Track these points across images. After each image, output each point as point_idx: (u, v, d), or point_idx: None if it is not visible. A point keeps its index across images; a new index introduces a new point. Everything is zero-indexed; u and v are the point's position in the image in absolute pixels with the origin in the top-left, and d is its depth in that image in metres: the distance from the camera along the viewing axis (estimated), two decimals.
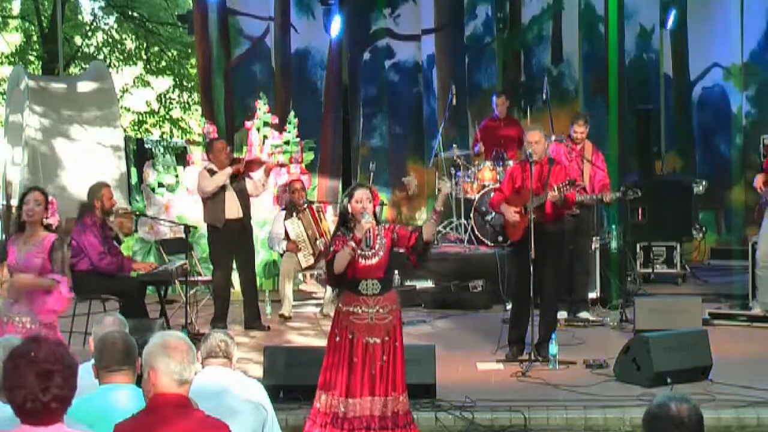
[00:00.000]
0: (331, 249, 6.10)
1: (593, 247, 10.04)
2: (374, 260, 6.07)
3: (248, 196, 9.50)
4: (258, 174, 9.70)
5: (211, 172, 9.33)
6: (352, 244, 5.98)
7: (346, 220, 6.12)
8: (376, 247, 6.09)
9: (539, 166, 8.09)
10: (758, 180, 9.44)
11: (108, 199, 8.71)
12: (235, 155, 10.57)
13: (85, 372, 4.05)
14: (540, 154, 8.10)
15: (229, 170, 9.23)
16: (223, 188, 9.28)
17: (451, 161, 11.68)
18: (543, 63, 13.66)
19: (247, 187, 9.44)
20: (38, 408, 3.14)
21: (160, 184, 11.77)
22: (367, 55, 13.80)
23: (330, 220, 10.77)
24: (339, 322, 6.13)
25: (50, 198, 6.35)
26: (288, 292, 10.08)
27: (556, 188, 7.90)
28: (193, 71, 19.78)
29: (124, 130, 17.38)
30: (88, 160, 13.25)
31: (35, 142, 13.23)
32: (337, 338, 6.08)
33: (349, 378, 6.03)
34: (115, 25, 20.71)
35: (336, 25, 13.09)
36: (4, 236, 12.43)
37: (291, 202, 10.35)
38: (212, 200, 9.32)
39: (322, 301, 10.47)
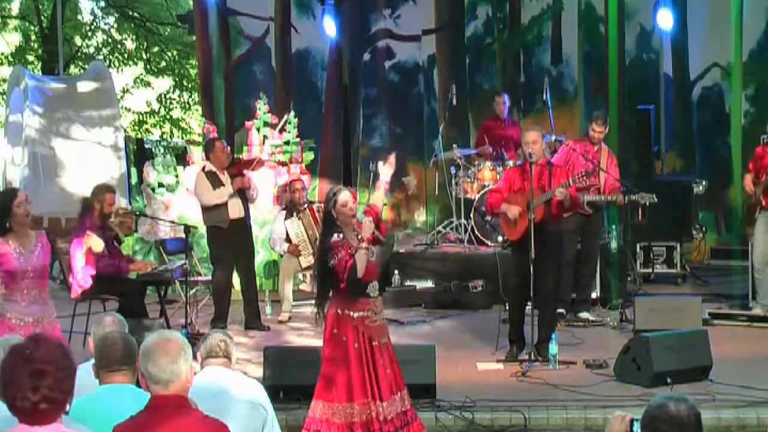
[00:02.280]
0: (339, 257, 5.91)
1: None
2: (373, 259, 6.09)
3: (247, 195, 9.52)
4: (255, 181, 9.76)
5: (210, 175, 9.33)
6: (364, 245, 5.94)
7: (332, 224, 6.04)
8: (370, 247, 6.09)
9: (539, 167, 8.08)
10: (747, 180, 9.47)
11: (109, 205, 8.73)
12: (236, 155, 10.57)
13: (85, 372, 4.05)
14: (538, 154, 8.09)
15: (230, 190, 9.24)
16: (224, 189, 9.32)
17: (451, 161, 11.69)
18: (542, 63, 13.66)
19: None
20: (27, 407, 3.12)
21: (160, 184, 11.77)
22: (367, 56, 13.80)
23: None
24: (354, 329, 5.98)
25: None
26: (288, 292, 10.07)
27: (564, 184, 7.91)
28: (194, 71, 19.76)
29: (125, 130, 17.37)
30: (88, 160, 13.25)
31: (35, 142, 13.22)
32: (356, 345, 5.97)
33: (379, 381, 6.00)
34: (115, 25, 20.69)
35: (332, 24, 13.06)
36: None
37: (291, 202, 10.35)
38: None
39: None
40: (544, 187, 7.97)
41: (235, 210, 9.33)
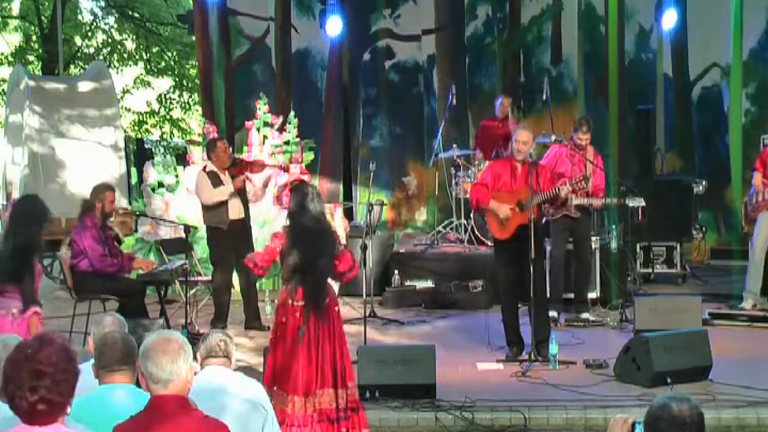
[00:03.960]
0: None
1: (593, 247, 10.04)
2: None
3: (247, 197, 9.52)
4: (258, 179, 9.71)
5: (211, 175, 9.33)
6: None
7: None
8: None
9: (527, 166, 8.06)
10: (757, 178, 9.45)
11: (110, 203, 8.74)
12: (236, 156, 10.56)
13: (85, 372, 4.05)
14: (526, 154, 8.07)
15: (231, 189, 9.25)
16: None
17: (451, 161, 11.69)
18: (542, 63, 13.67)
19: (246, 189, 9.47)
20: (24, 406, 3.14)
21: (160, 184, 11.77)
22: (367, 56, 13.81)
23: (338, 220, 10.81)
24: None
25: None
26: None
27: (568, 182, 7.95)
28: (194, 71, 19.79)
29: (125, 131, 17.39)
30: (88, 160, 13.25)
31: (35, 142, 13.23)
32: None
33: None
34: (115, 26, 20.71)
35: (333, 24, 13.08)
36: None
37: None
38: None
39: None
40: (534, 185, 7.98)
41: (235, 210, 9.33)
